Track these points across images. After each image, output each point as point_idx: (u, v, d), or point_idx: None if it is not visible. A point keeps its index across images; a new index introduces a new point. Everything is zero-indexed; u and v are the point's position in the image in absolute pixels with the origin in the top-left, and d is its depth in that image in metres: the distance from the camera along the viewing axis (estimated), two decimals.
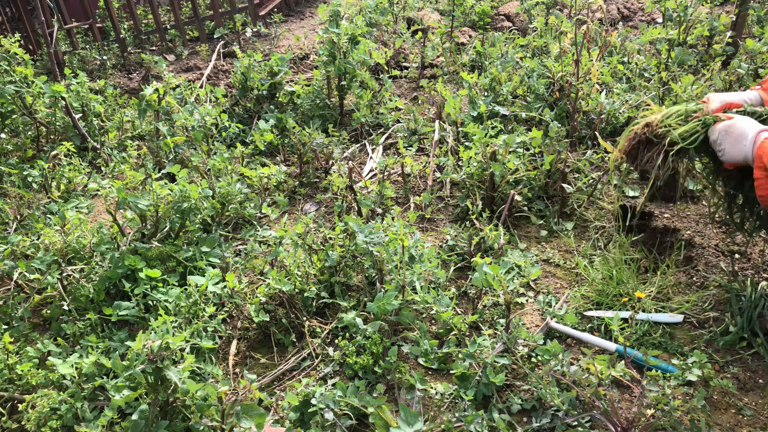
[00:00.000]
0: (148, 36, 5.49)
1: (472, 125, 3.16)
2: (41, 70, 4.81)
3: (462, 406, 1.83)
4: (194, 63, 5.11)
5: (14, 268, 2.37)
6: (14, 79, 3.26)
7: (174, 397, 1.70)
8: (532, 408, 1.84)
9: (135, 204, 2.42)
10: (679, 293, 2.24)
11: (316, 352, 2.14)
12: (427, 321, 2.25)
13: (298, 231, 2.35)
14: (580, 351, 2.05)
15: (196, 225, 2.66)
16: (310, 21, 6.24)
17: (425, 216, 2.83)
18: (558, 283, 2.38)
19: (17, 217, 2.88)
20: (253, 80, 3.75)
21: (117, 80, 4.85)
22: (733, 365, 1.92)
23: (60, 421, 1.79)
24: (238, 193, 2.79)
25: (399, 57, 4.71)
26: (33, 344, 2.22)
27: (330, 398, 1.77)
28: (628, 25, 5.07)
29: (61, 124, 3.58)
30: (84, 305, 2.31)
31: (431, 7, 5.69)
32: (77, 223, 2.53)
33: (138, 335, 1.64)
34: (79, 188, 3.21)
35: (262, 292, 2.22)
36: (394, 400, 1.92)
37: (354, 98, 3.84)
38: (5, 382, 1.97)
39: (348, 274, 2.38)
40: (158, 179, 2.84)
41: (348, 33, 3.56)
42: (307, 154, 3.25)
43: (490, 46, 4.27)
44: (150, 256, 2.44)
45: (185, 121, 3.27)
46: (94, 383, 1.89)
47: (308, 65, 4.89)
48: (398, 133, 3.58)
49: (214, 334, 2.20)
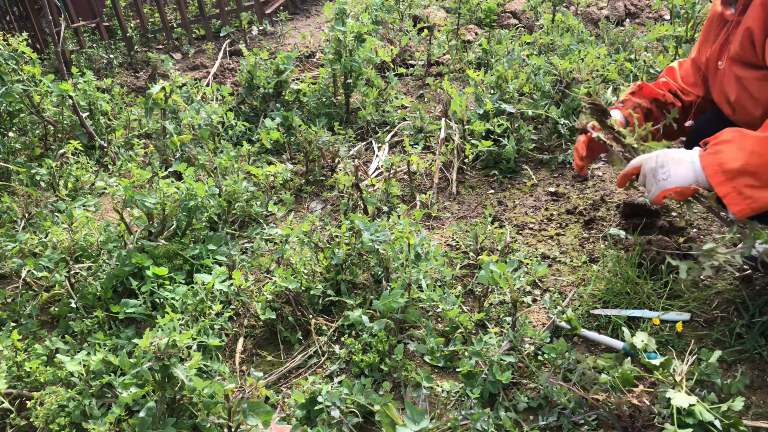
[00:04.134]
0: (155, 34, 5.51)
1: (478, 123, 3.15)
2: (48, 68, 4.83)
3: (468, 404, 1.83)
4: (201, 61, 5.12)
5: (22, 266, 2.38)
6: (22, 78, 3.27)
7: (181, 394, 1.70)
8: (538, 406, 1.83)
9: (142, 202, 2.42)
10: (685, 291, 2.23)
11: (322, 350, 2.14)
12: (433, 319, 2.25)
13: (305, 229, 2.36)
14: (586, 349, 2.04)
15: (202, 223, 2.67)
16: (316, 19, 6.24)
17: (431, 214, 2.83)
18: (564, 280, 2.37)
19: (25, 216, 2.90)
20: (260, 78, 3.75)
21: (124, 79, 4.87)
22: (741, 364, 1.91)
23: (68, 418, 1.81)
24: (245, 191, 2.80)
25: (405, 55, 4.70)
26: (41, 342, 2.23)
27: (336, 396, 1.78)
28: (635, 22, 5.05)
29: (69, 122, 3.59)
30: (91, 303, 2.33)
31: (437, 4, 5.68)
32: (85, 222, 2.54)
33: (145, 333, 1.65)
34: (86, 186, 3.22)
35: (268, 290, 2.22)
36: (401, 398, 1.92)
37: (360, 96, 3.83)
38: (14, 380, 1.98)
39: (354, 272, 2.39)
40: (165, 177, 2.84)
41: (354, 31, 3.56)
42: (313, 152, 3.25)
43: (497, 43, 4.26)
44: (157, 254, 2.45)
45: (192, 120, 3.28)
46: (101, 380, 1.90)
47: (314, 63, 4.89)
48: (404, 131, 3.58)
49: (220, 332, 2.20)
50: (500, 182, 3.04)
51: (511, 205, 2.86)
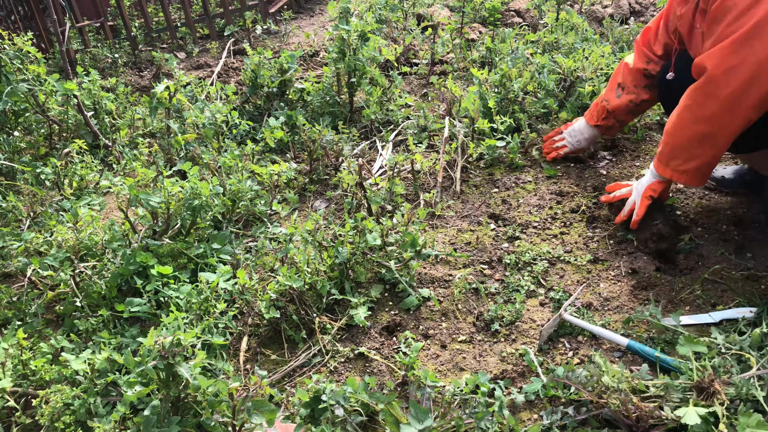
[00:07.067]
0: (159, 34, 5.51)
1: (481, 121, 3.15)
2: (53, 68, 4.84)
3: (472, 402, 1.83)
4: (205, 60, 5.13)
5: (28, 265, 2.39)
6: (27, 78, 3.28)
7: (185, 393, 1.71)
8: (543, 405, 1.83)
9: (146, 201, 2.43)
10: (691, 293, 2.22)
11: (326, 349, 2.15)
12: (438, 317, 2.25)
13: (309, 228, 2.36)
14: (591, 347, 2.04)
15: (207, 222, 2.67)
16: (320, 18, 6.24)
17: (435, 213, 2.83)
18: (569, 279, 2.36)
19: (30, 215, 2.91)
20: (263, 77, 3.75)
21: (128, 78, 4.88)
22: None
23: (73, 417, 1.81)
24: (249, 190, 2.80)
25: (409, 53, 4.70)
26: (46, 340, 2.24)
27: (340, 395, 1.78)
28: (639, 21, 5.03)
29: (74, 122, 3.60)
30: (96, 302, 2.33)
31: (441, 3, 5.67)
32: (89, 221, 2.55)
33: (150, 331, 1.65)
34: (91, 185, 3.23)
35: (272, 288, 2.22)
36: (405, 397, 1.92)
37: (364, 95, 3.83)
38: (19, 378, 1.99)
39: (358, 271, 2.39)
40: (169, 176, 2.85)
41: (358, 30, 3.56)
42: (317, 151, 3.25)
43: (501, 42, 4.25)
44: (161, 253, 2.45)
45: (196, 119, 3.28)
46: (106, 379, 1.90)
47: (318, 62, 4.89)
48: (408, 129, 3.58)
49: (225, 331, 2.21)
50: (504, 181, 3.03)
51: (515, 203, 2.85)
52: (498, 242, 2.61)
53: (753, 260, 2.32)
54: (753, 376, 1.69)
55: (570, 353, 2.03)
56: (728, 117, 2.04)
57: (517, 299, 2.24)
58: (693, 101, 2.11)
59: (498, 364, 2.03)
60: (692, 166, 2.20)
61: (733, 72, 1.97)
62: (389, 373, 2.04)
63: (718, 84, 2.02)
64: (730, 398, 1.65)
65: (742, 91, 1.98)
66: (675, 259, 2.36)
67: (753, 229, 2.48)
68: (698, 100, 2.09)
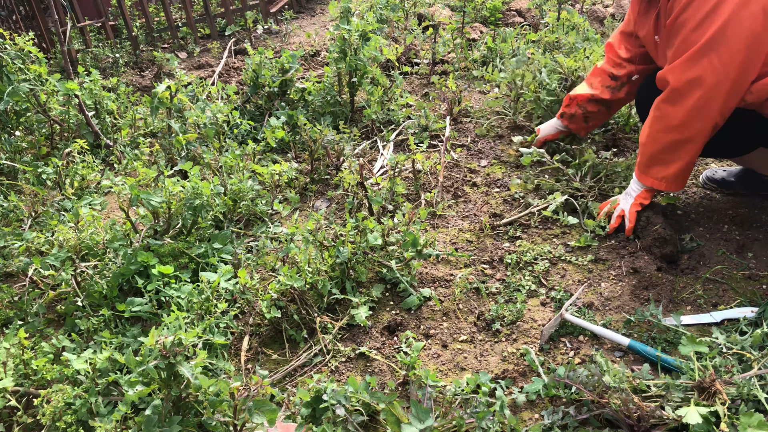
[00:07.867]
0: (160, 34, 5.52)
1: None
2: (55, 68, 4.84)
3: (474, 402, 1.83)
4: (206, 60, 5.13)
5: (29, 265, 2.39)
6: (28, 77, 3.28)
7: (187, 392, 1.71)
8: (544, 405, 1.83)
9: (147, 201, 2.43)
10: (693, 293, 2.22)
11: (327, 348, 2.15)
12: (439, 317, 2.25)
13: (310, 227, 2.36)
14: (592, 346, 2.04)
15: (208, 222, 2.67)
16: (321, 18, 6.24)
17: (436, 213, 2.83)
18: (570, 278, 2.36)
19: (32, 214, 2.91)
20: (264, 77, 3.75)
21: (129, 78, 4.88)
22: None
23: (74, 416, 1.81)
24: (250, 189, 2.80)
25: (410, 53, 4.70)
26: (48, 340, 2.24)
27: (341, 394, 1.78)
28: None
29: (75, 121, 3.60)
30: (98, 301, 2.34)
31: (442, 2, 5.67)
32: (91, 220, 2.55)
33: (151, 331, 1.65)
34: (92, 185, 3.24)
35: (273, 288, 2.22)
36: (406, 397, 1.92)
37: (365, 95, 3.83)
38: (21, 377, 1.99)
39: (359, 271, 2.39)
40: (170, 176, 2.85)
41: (359, 29, 3.56)
42: (318, 150, 3.25)
43: (502, 41, 4.24)
44: (162, 252, 2.45)
45: (197, 119, 3.28)
46: (107, 378, 1.91)
47: (319, 62, 4.89)
48: (409, 129, 3.58)
49: (226, 330, 2.21)
50: (505, 181, 3.03)
51: (516, 203, 2.85)
52: (499, 242, 2.61)
53: (754, 260, 2.33)
54: (754, 376, 1.69)
55: (571, 353, 2.03)
56: (697, 123, 2.17)
57: (519, 299, 2.24)
58: (661, 113, 2.26)
59: (499, 364, 2.03)
60: (670, 172, 2.33)
61: (695, 83, 2.11)
62: (390, 373, 2.04)
63: (682, 95, 2.17)
64: (732, 398, 1.65)
65: (705, 100, 2.11)
66: (678, 260, 2.37)
67: (754, 229, 2.48)
68: (666, 111, 2.24)
